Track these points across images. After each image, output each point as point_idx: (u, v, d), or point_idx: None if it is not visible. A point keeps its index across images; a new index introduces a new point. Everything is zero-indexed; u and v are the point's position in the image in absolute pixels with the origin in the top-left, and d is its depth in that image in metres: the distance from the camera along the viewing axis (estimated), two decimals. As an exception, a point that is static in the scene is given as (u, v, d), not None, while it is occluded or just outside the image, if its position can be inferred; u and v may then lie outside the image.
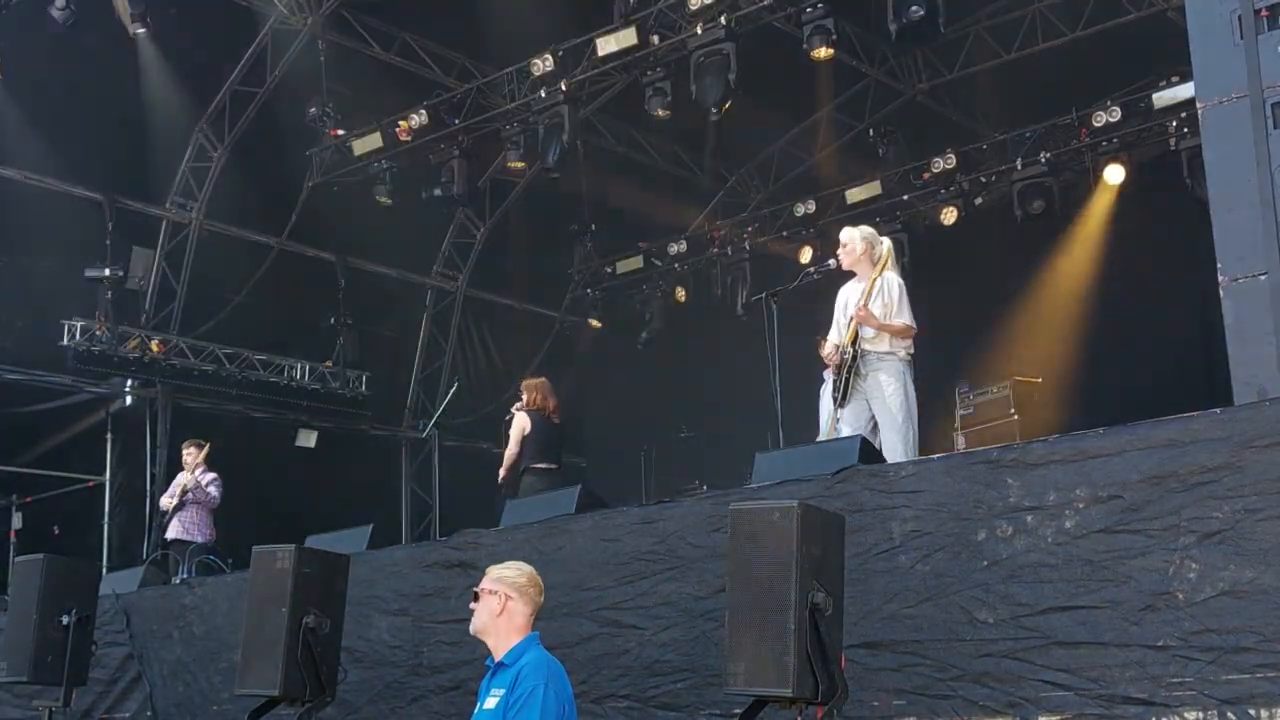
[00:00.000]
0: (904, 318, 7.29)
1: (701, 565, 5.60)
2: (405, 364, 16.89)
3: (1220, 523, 4.23)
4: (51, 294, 13.49)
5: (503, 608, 4.46)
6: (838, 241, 7.69)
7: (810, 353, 7.62)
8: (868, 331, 7.27)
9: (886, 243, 7.63)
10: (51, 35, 11.81)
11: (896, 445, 7.05)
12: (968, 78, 14.31)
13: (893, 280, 7.37)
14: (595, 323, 17.79)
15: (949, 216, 14.59)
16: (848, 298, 7.55)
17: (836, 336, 7.48)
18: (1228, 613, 4.15)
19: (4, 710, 8.33)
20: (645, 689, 5.64)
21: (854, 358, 7.25)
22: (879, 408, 7.23)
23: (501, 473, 9.84)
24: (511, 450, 9.76)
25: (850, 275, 7.64)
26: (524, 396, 9.96)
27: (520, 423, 9.76)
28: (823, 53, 11.63)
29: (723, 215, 17.11)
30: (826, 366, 7.49)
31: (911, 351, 7.35)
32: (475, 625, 4.53)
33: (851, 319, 7.34)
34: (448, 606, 6.56)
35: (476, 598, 4.53)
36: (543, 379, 10.27)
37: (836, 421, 7.33)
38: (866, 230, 7.65)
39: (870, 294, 7.34)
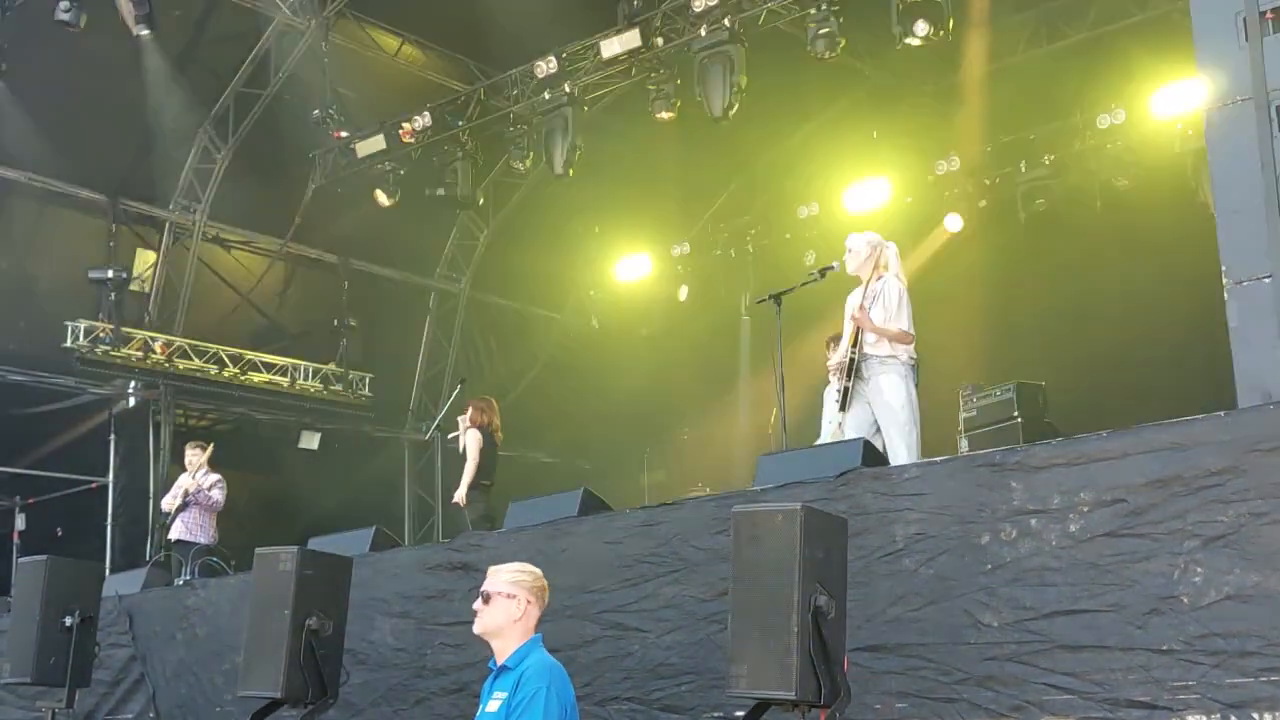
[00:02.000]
0: (901, 323, 7.27)
1: (704, 568, 5.59)
2: (408, 366, 16.90)
3: (1225, 526, 4.21)
4: (55, 295, 13.51)
5: (523, 612, 4.44)
6: (842, 244, 7.69)
7: (814, 355, 7.61)
8: (869, 336, 7.25)
9: (892, 247, 7.61)
10: (56, 37, 11.82)
11: (899, 448, 7.04)
12: (972, 80, 14.28)
13: (893, 285, 7.36)
14: (597, 323, 17.78)
15: (954, 218, 14.58)
16: (853, 303, 7.54)
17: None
18: (1232, 616, 4.14)
19: (7, 711, 8.34)
20: (649, 691, 5.64)
21: (855, 362, 7.24)
22: (881, 411, 7.21)
23: (463, 493, 9.98)
24: (471, 468, 10.03)
25: (857, 280, 7.63)
26: (470, 411, 10.26)
27: (476, 439, 10.10)
28: (827, 55, 11.62)
29: (726, 216, 17.10)
30: (831, 370, 7.48)
31: (914, 355, 7.33)
32: (486, 627, 4.47)
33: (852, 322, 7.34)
34: (450, 609, 6.56)
35: (486, 599, 4.48)
36: (490, 399, 10.65)
37: (840, 426, 7.31)
38: (872, 236, 7.64)
39: (870, 298, 7.34)
